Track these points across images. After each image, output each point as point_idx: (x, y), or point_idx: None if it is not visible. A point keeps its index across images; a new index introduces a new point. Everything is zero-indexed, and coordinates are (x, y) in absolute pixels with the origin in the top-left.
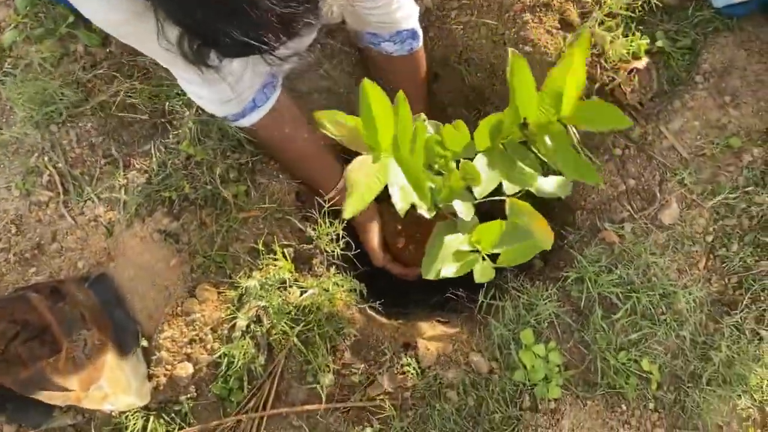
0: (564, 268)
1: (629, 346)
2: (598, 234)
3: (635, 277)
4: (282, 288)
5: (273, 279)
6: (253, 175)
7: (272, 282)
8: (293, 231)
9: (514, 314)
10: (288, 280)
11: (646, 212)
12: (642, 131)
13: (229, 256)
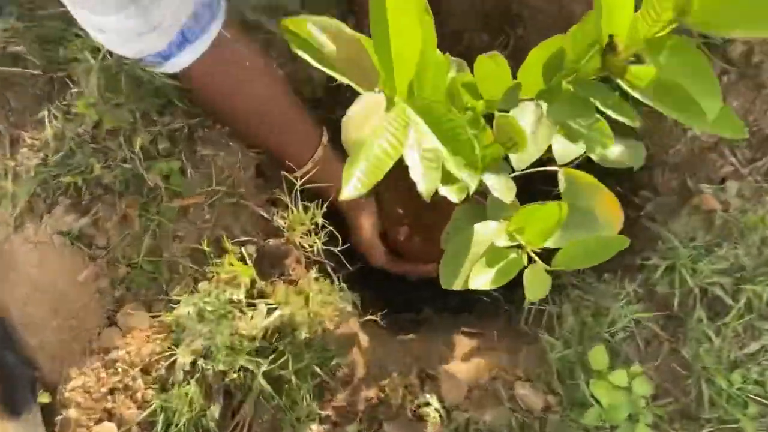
0: (643, 251)
1: (746, 361)
2: (689, 200)
3: (747, 259)
4: (240, 305)
5: (226, 293)
6: (191, 146)
7: (224, 298)
8: (254, 221)
9: (577, 324)
10: (249, 292)
11: (758, 165)
12: (745, 49)
13: (164, 262)
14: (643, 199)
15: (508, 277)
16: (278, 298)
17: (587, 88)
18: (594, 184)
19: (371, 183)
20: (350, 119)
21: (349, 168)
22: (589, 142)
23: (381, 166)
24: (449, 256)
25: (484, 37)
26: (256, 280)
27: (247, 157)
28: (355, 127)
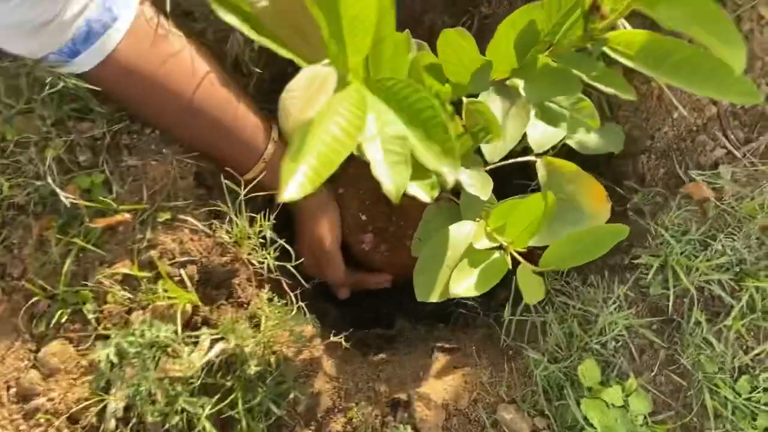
0: (631, 248)
1: (752, 366)
2: (679, 188)
3: (746, 252)
4: (175, 340)
5: (152, 329)
6: (116, 156)
7: (150, 336)
8: (195, 237)
9: (563, 335)
10: (191, 321)
11: (753, 146)
12: (733, 18)
13: (89, 291)
14: (628, 190)
15: (492, 282)
16: (224, 327)
17: (569, 60)
18: (577, 172)
19: (321, 178)
20: (291, 97)
21: (292, 160)
22: (572, 124)
23: (333, 156)
24: (422, 264)
25: (446, 18)
26: (199, 305)
27: (183, 164)
28: (298, 107)
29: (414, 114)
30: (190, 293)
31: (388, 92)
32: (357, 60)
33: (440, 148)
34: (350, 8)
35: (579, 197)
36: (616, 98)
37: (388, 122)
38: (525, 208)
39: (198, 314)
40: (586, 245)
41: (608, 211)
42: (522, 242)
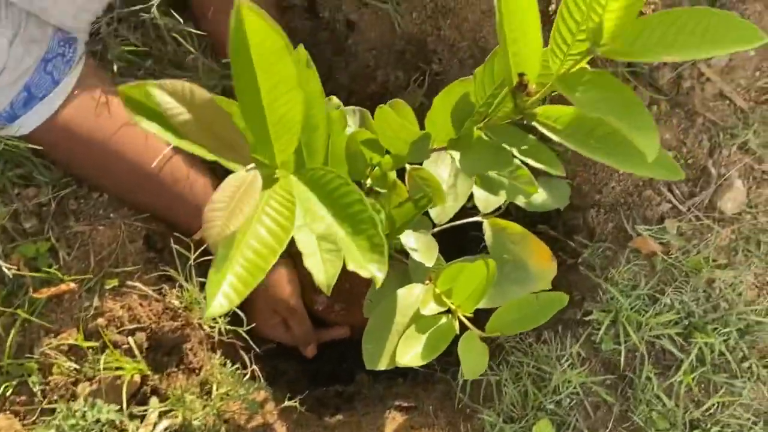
0: (582, 303)
1: (703, 420)
2: (627, 243)
3: (694, 305)
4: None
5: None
6: (63, 221)
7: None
8: (144, 303)
9: (518, 394)
10: (139, 391)
11: (696, 200)
12: (674, 75)
13: (34, 363)
14: (579, 245)
15: (438, 350)
16: (172, 399)
17: (501, 134)
18: (522, 233)
19: (250, 287)
20: (215, 209)
21: (217, 271)
22: (510, 191)
23: (261, 265)
24: (371, 330)
25: (399, 74)
26: (149, 374)
27: (132, 228)
28: (222, 220)
29: (342, 207)
30: (139, 362)
31: (317, 184)
32: (285, 153)
33: (368, 243)
34: (276, 111)
35: (525, 257)
36: (566, 153)
37: (316, 218)
38: (470, 273)
39: (147, 384)
40: (529, 312)
41: (554, 270)
42: (468, 307)
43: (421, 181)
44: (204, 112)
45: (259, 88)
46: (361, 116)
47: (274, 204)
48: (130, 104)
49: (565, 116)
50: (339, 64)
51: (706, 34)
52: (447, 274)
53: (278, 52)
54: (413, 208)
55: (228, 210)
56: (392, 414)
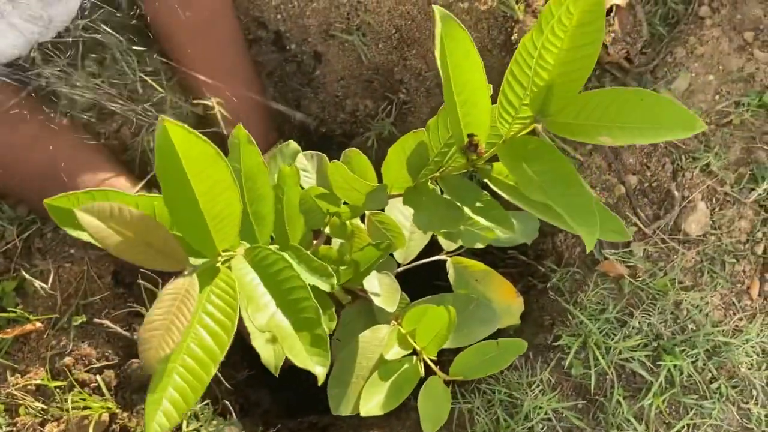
0: (553, 327)
1: None
2: (595, 267)
3: (662, 327)
4: None
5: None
6: (29, 260)
7: None
8: (112, 340)
9: (490, 422)
10: (107, 430)
11: (661, 222)
12: None
13: (1, 404)
14: (548, 269)
15: (402, 397)
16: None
17: (454, 188)
18: (485, 271)
19: (188, 406)
20: (151, 328)
21: (152, 396)
22: (467, 239)
23: (202, 376)
24: (335, 374)
25: (367, 102)
26: (117, 413)
27: (100, 263)
28: (158, 339)
29: (285, 293)
30: (107, 400)
31: (261, 265)
32: (226, 244)
33: (310, 337)
34: (213, 208)
35: (489, 295)
36: None
37: (260, 307)
38: (433, 316)
39: (116, 422)
40: (490, 358)
41: (520, 305)
42: (432, 350)
43: (381, 225)
44: (135, 226)
45: (193, 191)
46: (318, 161)
47: (215, 300)
48: (57, 215)
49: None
50: (308, 94)
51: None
52: (411, 315)
53: (210, 159)
54: (375, 251)
55: (164, 327)
56: None
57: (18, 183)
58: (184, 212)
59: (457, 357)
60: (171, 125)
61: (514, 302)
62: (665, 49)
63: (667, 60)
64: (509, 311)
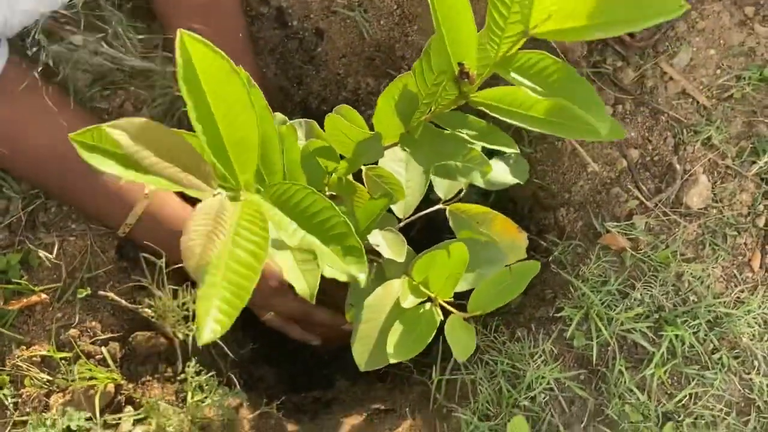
0: (555, 300)
1: (677, 411)
2: (597, 240)
3: (664, 299)
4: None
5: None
6: (33, 234)
7: (71, 421)
8: (117, 314)
9: (492, 392)
10: (113, 402)
11: (663, 196)
12: (637, 75)
13: (6, 375)
14: (550, 243)
15: (426, 340)
16: (146, 406)
17: (449, 121)
18: (484, 212)
19: (237, 309)
20: (190, 239)
21: (204, 299)
22: (466, 174)
23: (245, 286)
24: (358, 334)
25: (369, 80)
26: (122, 384)
27: (104, 237)
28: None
29: (309, 218)
30: (112, 372)
31: (281, 199)
32: (247, 177)
33: (341, 248)
34: (233, 134)
35: (493, 235)
36: (535, 154)
37: (288, 232)
38: (442, 260)
39: (121, 393)
40: (506, 286)
41: (525, 240)
42: (447, 292)
43: (379, 179)
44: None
45: (213, 114)
46: (308, 128)
47: (245, 224)
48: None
49: (507, 96)
50: (309, 72)
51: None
52: (420, 265)
53: (226, 76)
54: (375, 206)
55: (204, 237)
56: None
57: (23, 159)
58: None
59: (473, 294)
60: (188, 38)
61: (517, 238)
62: (666, 23)
63: (669, 34)
64: (514, 247)
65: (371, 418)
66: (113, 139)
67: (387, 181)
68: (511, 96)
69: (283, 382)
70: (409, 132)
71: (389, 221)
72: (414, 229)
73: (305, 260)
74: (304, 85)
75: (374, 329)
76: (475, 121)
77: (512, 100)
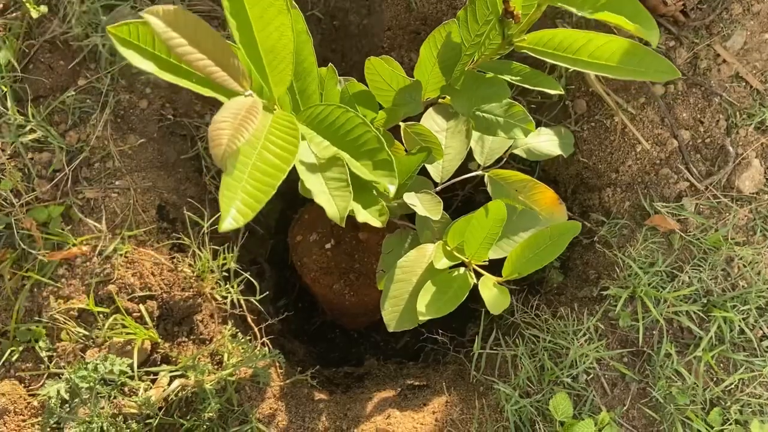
0: (599, 280)
1: (723, 398)
2: (644, 221)
3: (713, 283)
4: (133, 374)
5: (116, 359)
6: (76, 187)
7: (103, 370)
8: (156, 272)
9: (534, 369)
10: (149, 358)
11: (714, 179)
12: (690, 55)
13: (42, 327)
14: (595, 223)
15: (459, 300)
16: (183, 363)
17: (493, 68)
18: (524, 179)
19: (258, 206)
20: (218, 128)
21: (229, 188)
22: (507, 130)
23: (270, 180)
24: (388, 294)
25: (412, 55)
26: (159, 342)
27: (146, 196)
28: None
29: (342, 136)
30: (150, 330)
31: (314, 118)
32: (281, 90)
33: (372, 163)
34: (266, 40)
35: (532, 204)
36: (581, 133)
37: (321, 147)
38: (477, 223)
39: (157, 351)
40: (544, 247)
41: (564, 212)
42: (481, 256)
43: (417, 136)
44: (196, 31)
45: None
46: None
47: (276, 132)
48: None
49: (554, 38)
50: (354, 44)
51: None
52: (455, 229)
53: None
54: (413, 161)
55: (232, 128)
56: (403, 395)
57: None
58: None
59: (509, 256)
60: None
61: (557, 209)
62: (721, 5)
63: (723, 16)
64: (553, 218)
65: (405, 394)
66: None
67: (426, 139)
68: (558, 38)
69: (312, 357)
70: (451, 83)
71: (426, 186)
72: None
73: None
74: (347, 58)
75: (405, 290)
76: (518, 66)
77: (559, 42)
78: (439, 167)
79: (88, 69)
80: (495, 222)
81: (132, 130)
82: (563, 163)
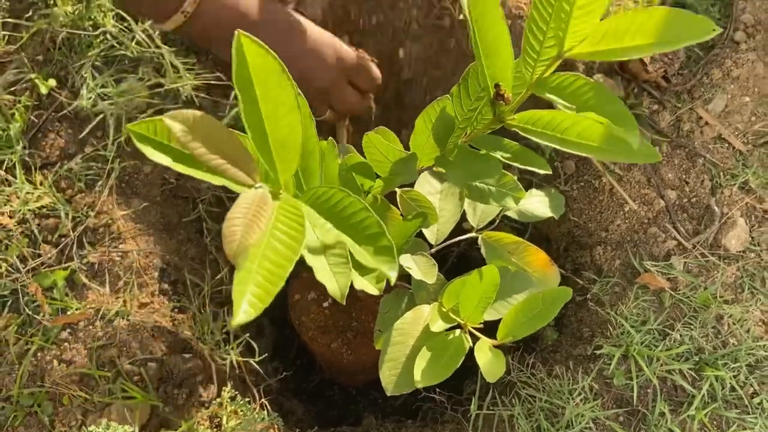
0: (593, 338)
1: None
2: (635, 279)
3: (704, 341)
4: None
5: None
6: (80, 252)
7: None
8: (157, 335)
9: (531, 429)
10: (148, 423)
11: (701, 237)
12: (673, 118)
13: (45, 393)
14: (587, 281)
15: (455, 365)
16: (184, 428)
17: (484, 143)
18: (516, 241)
19: (270, 297)
20: (232, 225)
21: (240, 283)
22: (499, 199)
23: (279, 273)
24: (386, 357)
25: None
26: (159, 406)
27: (148, 259)
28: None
29: (344, 219)
30: (150, 393)
31: (318, 201)
32: (287, 173)
33: (373, 248)
34: (278, 134)
35: (525, 266)
36: (571, 192)
37: (324, 230)
38: (472, 285)
39: (157, 415)
40: (537, 311)
41: (556, 273)
42: (476, 318)
43: (413, 202)
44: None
45: (261, 112)
46: (346, 151)
47: (283, 219)
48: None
49: (541, 119)
50: None
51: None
52: (450, 290)
53: (276, 75)
54: (409, 227)
55: (244, 225)
56: None
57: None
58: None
59: (503, 320)
60: (245, 38)
61: (549, 271)
62: (702, 70)
63: (704, 81)
64: (546, 280)
65: None
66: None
67: (421, 205)
68: (546, 118)
69: (311, 416)
70: (444, 154)
71: (421, 247)
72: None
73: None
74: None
75: (402, 353)
76: (510, 144)
77: (547, 123)
78: (434, 230)
79: (95, 137)
80: (489, 286)
81: (136, 195)
82: (555, 222)
